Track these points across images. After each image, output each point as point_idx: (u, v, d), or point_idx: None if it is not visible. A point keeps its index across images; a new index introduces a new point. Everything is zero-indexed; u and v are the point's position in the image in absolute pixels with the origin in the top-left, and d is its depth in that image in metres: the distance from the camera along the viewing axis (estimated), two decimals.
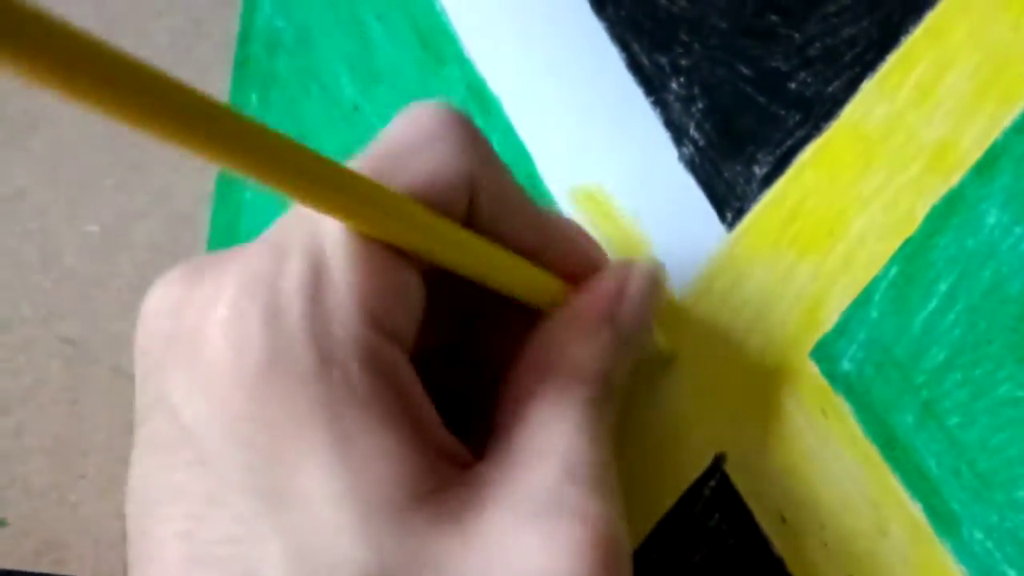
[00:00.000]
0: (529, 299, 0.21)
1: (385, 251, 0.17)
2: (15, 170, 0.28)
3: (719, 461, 0.26)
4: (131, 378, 0.20)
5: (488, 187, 0.19)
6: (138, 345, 0.19)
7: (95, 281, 0.29)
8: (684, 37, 0.26)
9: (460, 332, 0.22)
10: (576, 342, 0.20)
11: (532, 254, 0.20)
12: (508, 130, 0.27)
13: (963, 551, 0.25)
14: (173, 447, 0.17)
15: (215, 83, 0.29)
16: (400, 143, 0.18)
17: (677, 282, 0.26)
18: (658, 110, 0.27)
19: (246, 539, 0.16)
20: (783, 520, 0.26)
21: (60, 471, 0.28)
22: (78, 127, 0.28)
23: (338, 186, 0.16)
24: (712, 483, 0.26)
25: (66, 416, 0.28)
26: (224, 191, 0.30)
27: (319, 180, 0.15)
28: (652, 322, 0.22)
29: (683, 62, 0.26)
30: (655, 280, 0.22)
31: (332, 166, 0.15)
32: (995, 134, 0.26)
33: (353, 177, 0.16)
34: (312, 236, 0.17)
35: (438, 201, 0.18)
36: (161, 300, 0.18)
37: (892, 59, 0.26)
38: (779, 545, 0.25)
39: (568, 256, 0.21)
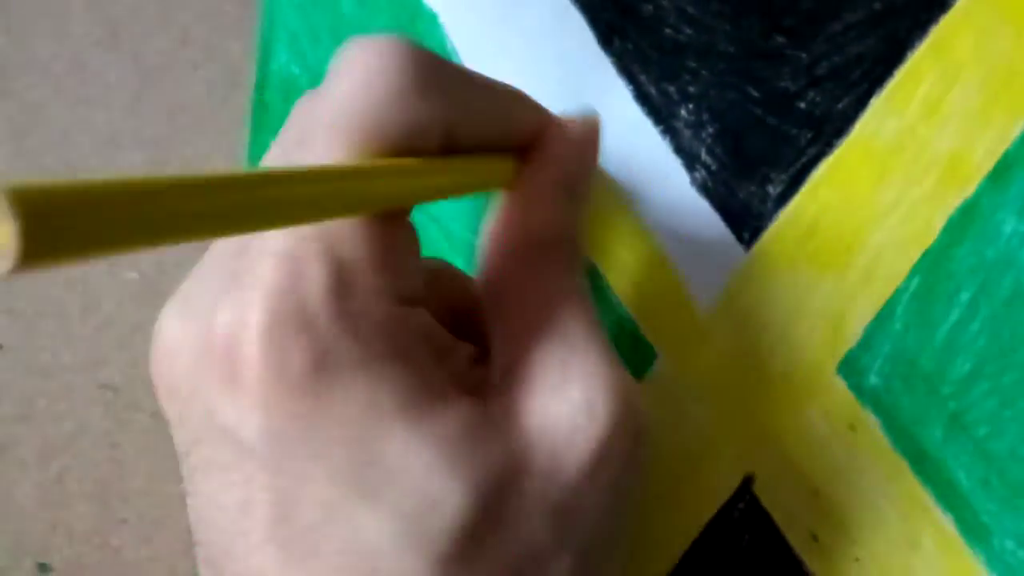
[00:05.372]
0: (485, 190, 0.22)
1: (390, 224, 0.19)
2: None
3: (748, 482, 0.26)
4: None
5: (456, 114, 0.20)
6: (162, 385, 0.19)
7: (135, 328, 0.30)
8: (691, 64, 0.27)
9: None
10: (539, 214, 0.22)
11: (494, 144, 0.22)
12: None
13: (995, 561, 0.24)
14: (234, 465, 0.18)
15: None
16: (363, 101, 0.18)
17: (699, 303, 0.27)
18: (668, 138, 0.27)
19: (337, 518, 0.17)
20: (814, 538, 0.25)
21: (102, 516, 0.29)
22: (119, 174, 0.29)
23: (342, 197, 0.17)
24: (741, 505, 0.26)
25: (107, 461, 0.29)
26: None
27: (324, 200, 0.16)
28: (595, 169, 0.24)
29: (691, 89, 0.27)
30: (591, 134, 0.24)
31: (328, 183, 0.17)
32: (1006, 144, 0.26)
33: (349, 177, 0.17)
34: (323, 239, 0.18)
35: (416, 148, 0.19)
36: (173, 338, 0.19)
37: (899, 74, 0.26)
38: (811, 563, 0.25)
39: (524, 131, 0.23)
